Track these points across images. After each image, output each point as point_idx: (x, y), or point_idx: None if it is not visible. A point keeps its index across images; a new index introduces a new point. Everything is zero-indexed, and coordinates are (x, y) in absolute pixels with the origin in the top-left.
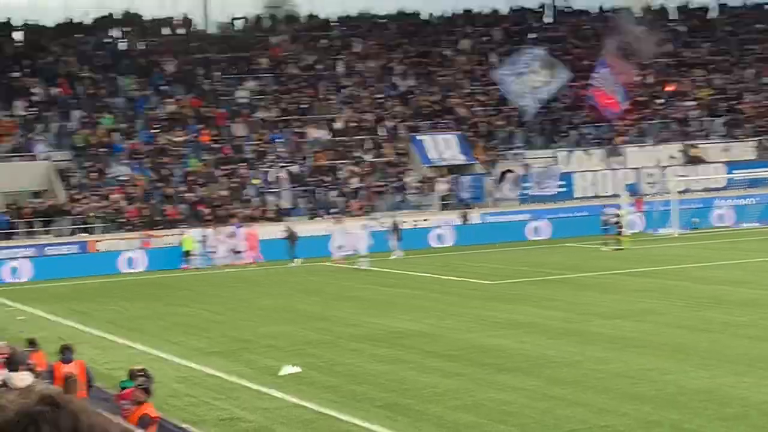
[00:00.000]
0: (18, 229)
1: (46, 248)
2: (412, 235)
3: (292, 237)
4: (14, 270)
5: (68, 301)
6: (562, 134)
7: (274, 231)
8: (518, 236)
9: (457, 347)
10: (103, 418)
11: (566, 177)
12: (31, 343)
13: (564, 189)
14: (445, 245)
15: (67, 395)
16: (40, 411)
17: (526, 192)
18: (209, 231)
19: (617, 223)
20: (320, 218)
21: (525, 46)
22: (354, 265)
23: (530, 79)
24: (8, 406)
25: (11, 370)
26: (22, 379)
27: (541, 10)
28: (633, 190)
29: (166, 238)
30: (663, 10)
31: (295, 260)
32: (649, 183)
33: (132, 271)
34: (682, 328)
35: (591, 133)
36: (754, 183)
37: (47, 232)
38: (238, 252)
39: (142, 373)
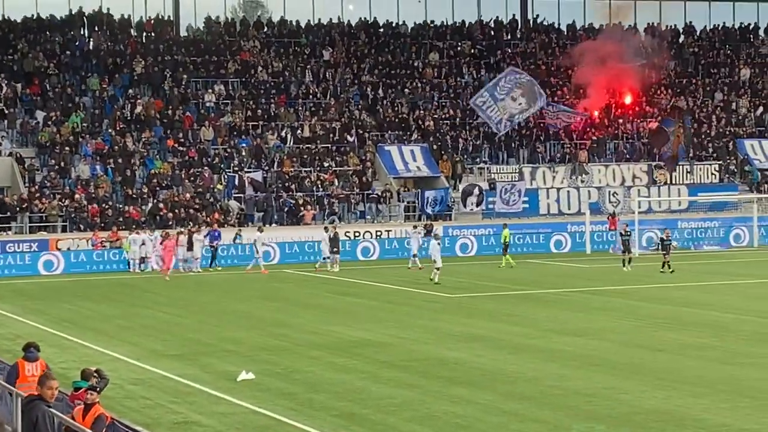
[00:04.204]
0: None
1: (6, 245)
2: (377, 245)
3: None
4: None
5: (28, 299)
6: (528, 149)
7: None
8: (482, 250)
9: (414, 358)
10: None
11: (531, 193)
12: None
13: (527, 205)
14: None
15: None
16: None
17: (490, 207)
18: (153, 235)
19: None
20: (276, 224)
21: (510, 70)
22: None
23: (508, 105)
24: None
25: None
26: None
27: (512, 24)
28: (597, 208)
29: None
30: (633, 30)
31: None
32: (612, 202)
33: (91, 271)
34: (641, 347)
35: (556, 150)
36: (715, 206)
37: (7, 229)
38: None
39: (96, 375)
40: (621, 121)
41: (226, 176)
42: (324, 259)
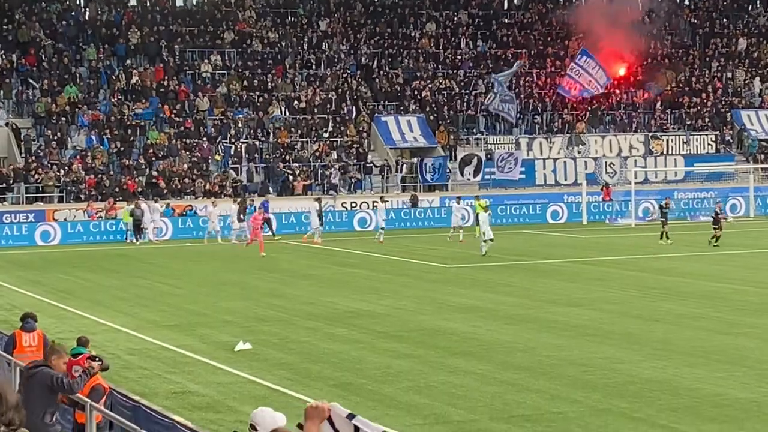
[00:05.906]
0: None
1: (3, 216)
2: (373, 216)
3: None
4: None
5: (25, 269)
6: (525, 120)
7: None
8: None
9: (410, 329)
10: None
11: (528, 163)
12: None
13: (524, 176)
14: (404, 227)
15: None
16: None
17: (488, 177)
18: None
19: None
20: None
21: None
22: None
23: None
24: None
25: None
26: None
27: None
28: (593, 178)
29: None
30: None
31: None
32: (608, 173)
33: (88, 241)
34: (637, 317)
35: (553, 121)
36: (711, 177)
37: (3, 200)
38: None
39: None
40: (617, 91)
41: (222, 147)
42: (313, 230)
